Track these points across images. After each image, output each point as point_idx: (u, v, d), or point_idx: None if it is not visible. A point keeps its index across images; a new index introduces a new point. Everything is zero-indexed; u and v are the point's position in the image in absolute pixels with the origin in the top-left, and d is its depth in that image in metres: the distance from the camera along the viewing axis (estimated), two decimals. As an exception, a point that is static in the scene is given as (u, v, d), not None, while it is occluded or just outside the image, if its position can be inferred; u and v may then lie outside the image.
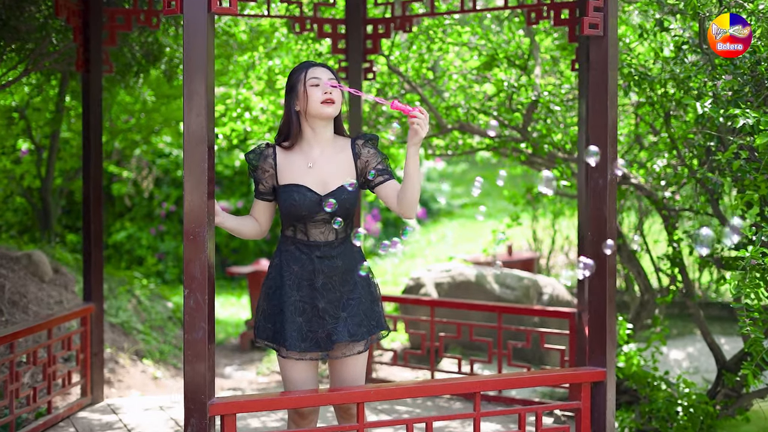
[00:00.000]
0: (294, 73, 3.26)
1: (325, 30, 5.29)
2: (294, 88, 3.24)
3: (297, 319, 3.18)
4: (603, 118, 3.39)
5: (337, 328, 3.16)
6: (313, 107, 3.18)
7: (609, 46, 3.38)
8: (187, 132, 2.91)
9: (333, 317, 3.18)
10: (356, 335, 3.17)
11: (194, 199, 2.90)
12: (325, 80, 3.20)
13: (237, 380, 6.56)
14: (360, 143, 3.27)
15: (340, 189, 3.20)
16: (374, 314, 3.26)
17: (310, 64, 3.25)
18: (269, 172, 3.25)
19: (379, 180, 3.24)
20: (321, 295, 3.18)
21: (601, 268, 3.41)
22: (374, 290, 3.30)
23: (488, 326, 5.07)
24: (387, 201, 3.24)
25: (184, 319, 2.92)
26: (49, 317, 4.56)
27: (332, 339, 3.16)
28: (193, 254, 2.90)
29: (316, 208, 3.18)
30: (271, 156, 3.26)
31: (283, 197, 3.21)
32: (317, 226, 3.21)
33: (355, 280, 3.23)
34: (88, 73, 4.88)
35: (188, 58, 2.89)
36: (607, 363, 3.42)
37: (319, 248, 3.20)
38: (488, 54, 5.64)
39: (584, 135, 4.64)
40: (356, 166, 3.25)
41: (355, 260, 3.26)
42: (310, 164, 3.23)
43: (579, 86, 4.68)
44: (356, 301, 3.20)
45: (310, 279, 3.20)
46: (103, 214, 10.95)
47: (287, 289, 3.20)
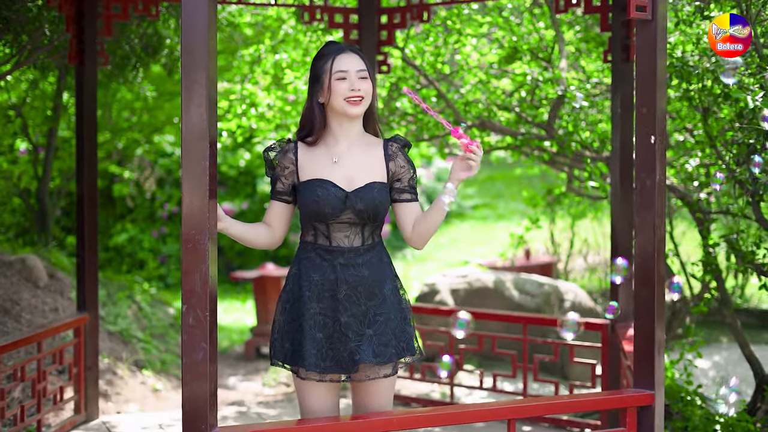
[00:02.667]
0: (319, 60, 2.87)
1: (336, 20, 4.93)
2: (318, 77, 2.85)
3: (317, 334, 2.80)
4: (651, 110, 3.04)
5: (360, 347, 2.77)
6: (337, 104, 2.82)
7: (658, 31, 3.03)
8: (185, 126, 2.56)
9: (357, 334, 2.80)
10: (382, 356, 2.78)
11: (194, 202, 2.55)
12: (354, 73, 2.82)
13: (241, 392, 6.21)
14: (395, 147, 2.90)
15: (369, 186, 2.83)
16: (405, 335, 2.86)
17: (339, 50, 2.85)
18: (290, 168, 2.88)
19: (405, 197, 2.89)
20: (344, 308, 2.80)
21: (648, 277, 3.06)
22: (405, 307, 2.91)
23: (512, 338, 4.70)
24: (402, 223, 2.89)
25: (182, 338, 2.57)
26: (38, 329, 4.22)
27: (355, 359, 2.78)
28: (193, 264, 2.55)
29: (340, 206, 2.80)
30: (292, 151, 2.89)
31: (305, 194, 2.84)
32: (341, 229, 2.83)
33: (384, 293, 2.84)
34: (82, 65, 4.54)
35: (187, 42, 2.54)
36: (656, 385, 3.07)
37: (343, 254, 2.83)
38: (510, 46, 5.27)
39: (618, 132, 4.28)
40: (388, 168, 2.88)
41: (384, 271, 2.88)
42: (335, 159, 2.86)
43: (612, 79, 4.32)
44: (384, 317, 2.82)
45: (332, 289, 2.82)
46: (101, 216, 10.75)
47: (306, 300, 2.83)
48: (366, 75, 2.85)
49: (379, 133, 2.99)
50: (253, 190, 10.73)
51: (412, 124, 5.71)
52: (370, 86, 2.85)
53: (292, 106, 5.82)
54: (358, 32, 4.87)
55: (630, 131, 4.28)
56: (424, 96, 5.59)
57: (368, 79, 2.85)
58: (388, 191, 2.89)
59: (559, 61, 5.26)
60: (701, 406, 4.79)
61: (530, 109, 5.25)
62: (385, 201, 2.85)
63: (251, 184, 10.77)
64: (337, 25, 4.93)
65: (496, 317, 4.85)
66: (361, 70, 2.84)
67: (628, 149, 4.29)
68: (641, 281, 3.06)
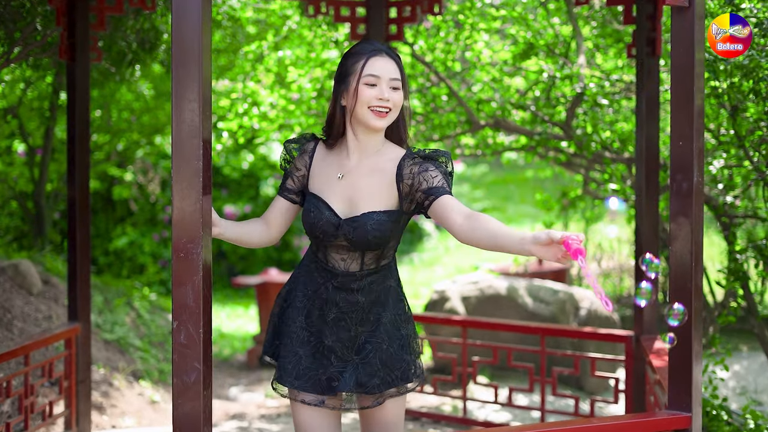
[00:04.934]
0: (350, 57, 2.56)
1: (343, 13, 4.67)
2: (345, 77, 2.55)
3: (297, 350, 2.58)
4: (689, 106, 2.77)
5: (343, 374, 2.53)
6: (360, 112, 2.52)
7: (695, 19, 2.76)
8: (176, 123, 2.30)
9: (340, 360, 2.56)
10: (364, 387, 2.53)
11: (185, 207, 2.29)
12: (386, 80, 2.51)
13: (243, 404, 5.95)
14: (408, 162, 2.53)
15: (365, 217, 2.51)
16: (401, 363, 2.59)
17: (374, 51, 2.53)
18: (301, 171, 2.63)
19: (426, 204, 2.50)
20: (330, 331, 2.56)
21: (685, 289, 2.79)
22: (406, 334, 2.62)
23: (529, 350, 4.43)
24: (442, 221, 2.47)
25: (173, 358, 2.31)
26: (26, 341, 3.96)
27: (332, 385, 2.54)
28: (185, 276, 2.29)
29: (333, 232, 2.53)
30: (310, 152, 2.62)
31: (304, 209, 2.59)
32: (338, 251, 2.57)
33: (381, 320, 2.57)
34: (73, 62, 4.29)
35: (178, 32, 2.28)
36: (693, 406, 2.80)
37: (337, 277, 2.57)
38: (525, 42, 5.00)
39: (643, 131, 4.02)
40: (399, 191, 2.53)
41: (384, 297, 2.60)
42: (341, 175, 2.57)
43: (637, 75, 4.05)
44: (374, 345, 2.55)
45: (321, 309, 2.58)
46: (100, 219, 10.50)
47: (296, 310, 2.60)
48: (399, 85, 2.54)
49: (406, 141, 2.64)
50: (256, 192, 10.47)
51: (421, 124, 5.45)
52: (400, 98, 2.55)
53: (296, 105, 5.56)
54: (366, 26, 4.61)
55: (656, 130, 4.02)
56: (434, 94, 5.33)
57: (400, 90, 2.54)
58: (399, 218, 2.55)
59: (577, 58, 5.00)
60: (728, 421, 4.53)
61: (546, 107, 4.98)
62: (384, 234, 2.51)
63: (254, 186, 10.51)
64: (343, 19, 4.67)
65: (512, 328, 4.57)
66: (394, 78, 2.53)
67: (653, 149, 4.03)
68: (677, 293, 2.80)
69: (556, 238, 2.15)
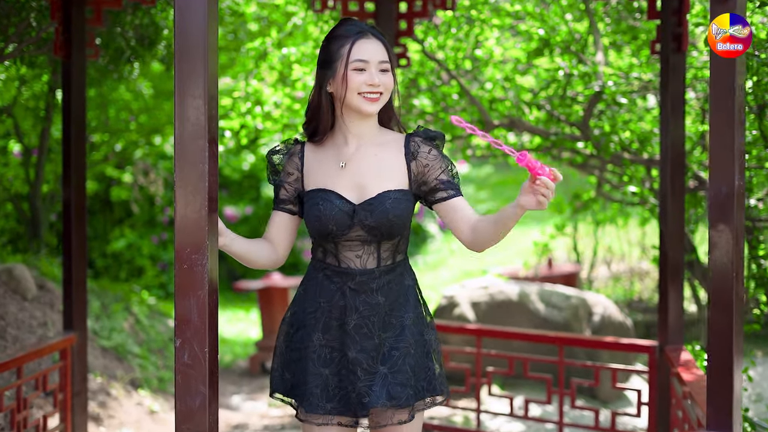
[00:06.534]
0: (333, 41, 2.39)
1: (351, 8, 4.47)
2: (330, 63, 2.38)
3: (322, 370, 2.37)
4: (728, 104, 2.58)
5: (372, 388, 2.32)
6: (351, 99, 2.36)
7: (737, 10, 2.57)
8: (179, 122, 2.11)
9: (367, 372, 2.35)
10: (398, 399, 2.32)
11: (189, 214, 2.09)
12: (375, 64, 2.36)
13: (246, 413, 5.74)
14: (418, 140, 2.42)
15: (382, 197, 2.35)
16: (427, 372, 2.40)
17: (359, 33, 2.37)
18: (294, 175, 2.44)
19: (441, 195, 2.39)
20: (353, 341, 2.36)
21: (726, 302, 2.59)
22: (430, 340, 2.44)
23: (547, 360, 4.23)
24: (451, 223, 2.40)
25: (176, 379, 2.11)
26: (19, 352, 3.76)
27: (363, 402, 2.33)
28: (189, 290, 2.10)
29: (347, 222, 2.35)
30: (298, 155, 2.45)
31: (307, 208, 2.39)
32: (352, 248, 2.38)
33: (404, 323, 2.38)
34: (69, 58, 4.08)
35: (181, 23, 2.08)
36: (734, 426, 2.61)
37: (354, 278, 2.37)
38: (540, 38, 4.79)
39: (668, 131, 3.82)
40: (409, 170, 2.40)
41: (405, 297, 2.42)
42: (343, 163, 2.40)
43: (662, 72, 3.85)
44: (402, 351, 2.36)
45: (339, 318, 2.38)
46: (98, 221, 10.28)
47: (310, 329, 2.39)
48: (388, 67, 2.40)
49: (400, 125, 2.53)
50: (258, 194, 10.28)
51: (430, 124, 5.25)
52: (391, 80, 2.40)
53: (301, 104, 5.36)
54: (375, 21, 4.40)
55: (681, 129, 3.83)
56: (444, 93, 5.13)
57: (389, 72, 2.40)
58: (412, 199, 2.41)
59: (594, 54, 4.80)
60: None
61: (563, 106, 4.78)
62: (403, 213, 2.36)
63: (255, 187, 10.32)
64: (351, 14, 4.47)
65: (530, 337, 4.36)
66: (383, 61, 2.39)
67: (679, 149, 3.83)
68: (717, 306, 2.60)
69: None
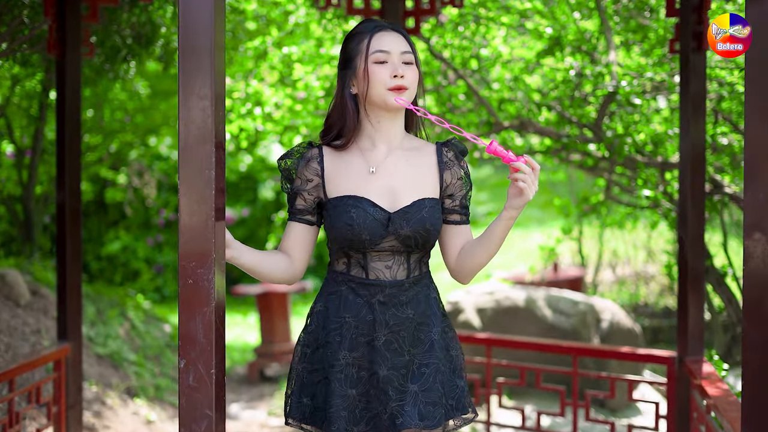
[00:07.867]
0: (351, 40, 2.27)
1: (356, 5, 4.33)
2: (350, 61, 2.26)
3: (349, 391, 2.20)
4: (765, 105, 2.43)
5: (404, 408, 2.17)
6: (376, 94, 2.22)
7: (774, 8, 2.42)
8: (183, 124, 1.94)
9: (398, 391, 2.19)
10: (431, 419, 2.18)
11: (195, 224, 1.93)
12: (397, 55, 2.23)
13: (245, 422, 5.58)
14: (450, 155, 2.31)
15: (418, 205, 2.22)
16: (455, 390, 2.27)
17: (377, 27, 2.25)
18: (314, 182, 2.27)
19: (455, 219, 2.31)
20: (383, 358, 2.20)
21: (762, 317, 2.44)
22: (456, 355, 2.31)
23: (560, 371, 4.08)
24: (447, 249, 2.31)
25: (180, 402, 1.95)
26: (11, 364, 3.59)
27: (396, 423, 2.17)
28: (194, 307, 1.93)
29: (381, 232, 2.20)
30: (317, 159, 2.27)
31: (335, 216, 2.22)
32: (382, 258, 2.23)
33: (432, 338, 2.24)
34: (63, 57, 3.93)
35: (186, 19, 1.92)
36: (771, 447, 2.46)
37: (383, 290, 2.22)
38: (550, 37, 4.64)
39: (688, 133, 3.67)
40: (441, 179, 2.29)
41: (432, 310, 2.28)
42: (373, 169, 2.25)
43: (682, 72, 3.70)
44: (432, 368, 2.21)
45: (368, 334, 2.22)
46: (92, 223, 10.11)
47: (335, 347, 2.23)
48: (411, 59, 2.25)
49: (422, 130, 2.40)
50: (255, 196, 10.11)
51: (436, 126, 5.09)
52: (415, 74, 2.26)
53: (302, 104, 5.20)
54: (381, 18, 4.25)
55: (702, 131, 3.68)
56: (451, 93, 4.97)
57: (413, 65, 2.26)
58: (440, 209, 2.29)
59: (607, 54, 4.65)
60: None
61: (573, 107, 4.62)
62: (437, 223, 2.25)
63: (252, 189, 10.15)
64: (356, 11, 4.32)
65: (542, 347, 4.20)
66: (405, 52, 2.25)
67: (699, 151, 3.68)
68: (752, 320, 2.44)
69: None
